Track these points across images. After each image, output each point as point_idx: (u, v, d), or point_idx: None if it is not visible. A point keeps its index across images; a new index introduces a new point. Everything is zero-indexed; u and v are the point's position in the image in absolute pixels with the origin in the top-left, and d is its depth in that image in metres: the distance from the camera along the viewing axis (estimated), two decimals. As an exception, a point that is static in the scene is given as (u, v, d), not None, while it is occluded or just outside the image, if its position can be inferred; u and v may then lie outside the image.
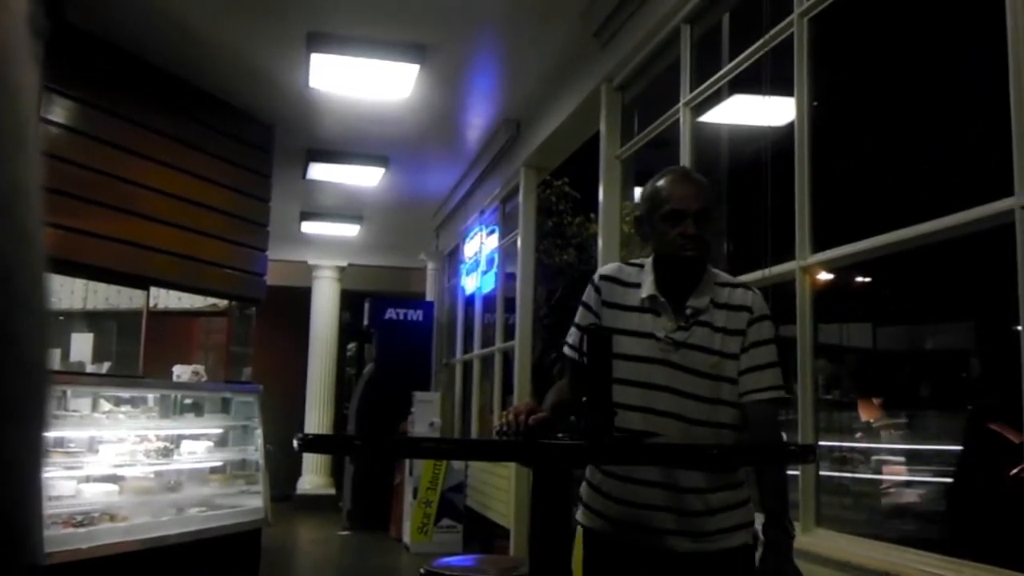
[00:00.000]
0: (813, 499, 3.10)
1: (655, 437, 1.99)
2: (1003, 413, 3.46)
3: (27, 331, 0.50)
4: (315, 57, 5.33)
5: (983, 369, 5.35)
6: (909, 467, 5.08)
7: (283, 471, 9.78)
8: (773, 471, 2.06)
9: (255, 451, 6.03)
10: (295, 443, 1.70)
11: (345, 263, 11.62)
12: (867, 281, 6.03)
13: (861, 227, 3.00)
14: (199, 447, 5.64)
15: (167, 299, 6.85)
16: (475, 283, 8.43)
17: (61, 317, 6.85)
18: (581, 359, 2.07)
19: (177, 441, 5.51)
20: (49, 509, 4.34)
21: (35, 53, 0.54)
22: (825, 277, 3.36)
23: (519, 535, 6.39)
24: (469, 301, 8.79)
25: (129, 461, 5.08)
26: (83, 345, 6.11)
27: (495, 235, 7.83)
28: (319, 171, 7.70)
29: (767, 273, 3.40)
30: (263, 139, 6.72)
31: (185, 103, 5.95)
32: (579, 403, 2.20)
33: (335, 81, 5.71)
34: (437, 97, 6.18)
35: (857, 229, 3.02)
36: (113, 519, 4.79)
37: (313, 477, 11.32)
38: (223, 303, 6.97)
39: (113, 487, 4.92)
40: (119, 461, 5.01)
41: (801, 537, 2.62)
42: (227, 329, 7.06)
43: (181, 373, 5.86)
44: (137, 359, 5.72)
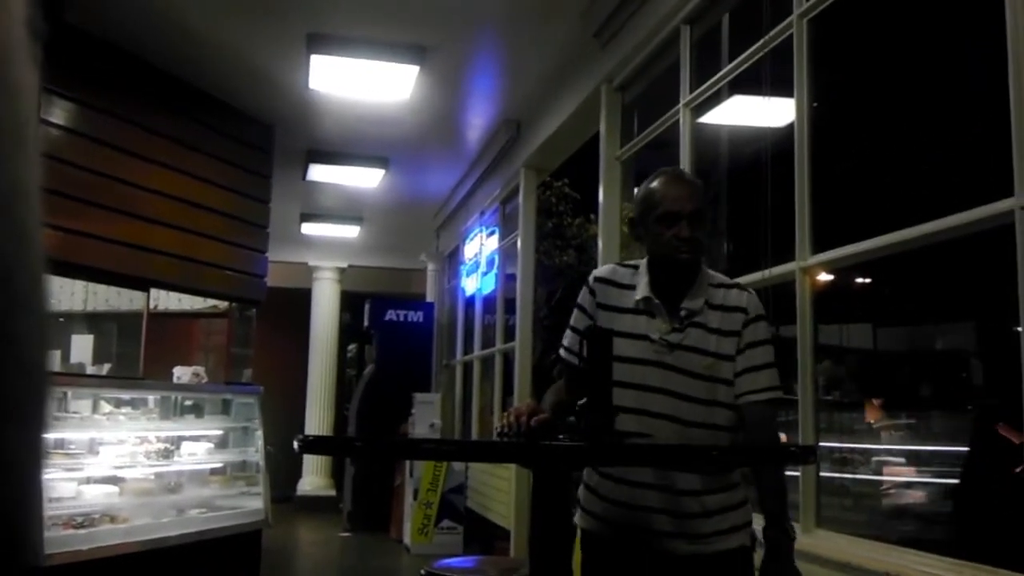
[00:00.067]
0: (814, 500, 3.10)
1: (645, 439, 1.99)
2: (1008, 414, 3.46)
3: (27, 331, 0.50)
4: (315, 58, 5.33)
5: (984, 370, 5.35)
6: (909, 467, 5.09)
7: (283, 472, 9.78)
8: (772, 472, 2.06)
9: (255, 452, 6.02)
10: (295, 444, 1.70)
11: (345, 264, 11.62)
12: (867, 282, 6.03)
13: (861, 228, 3.00)
14: (199, 448, 5.64)
15: (167, 301, 6.86)
16: (475, 284, 8.43)
17: (61, 319, 6.86)
18: (579, 362, 2.07)
19: (177, 442, 5.51)
20: (49, 510, 4.34)
21: (35, 54, 0.54)
22: (825, 278, 3.36)
23: (519, 536, 6.39)
24: (469, 302, 8.79)
25: (129, 462, 5.08)
26: (83, 347, 6.12)
27: (495, 236, 7.83)
28: (319, 172, 7.70)
29: (767, 274, 3.40)
30: (263, 140, 6.72)
31: (185, 104, 5.95)
32: (576, 405, 2.20)
33: (335, 82, 5.71)
34: (437, 98, 6.18)
35: (857, 230, 3.01)
36: (113, 520, 4.79)
37: (313, 478, 11.32)
38: (223, 304, 6.97)
39: (113, 488, 4.92)
40: (119, 463, 5.01)
41: (802, 538, 2.61)
42: (227, 330, 7.06)
43: (181, 375, 5.86)
44: (137, 361, 5.72)
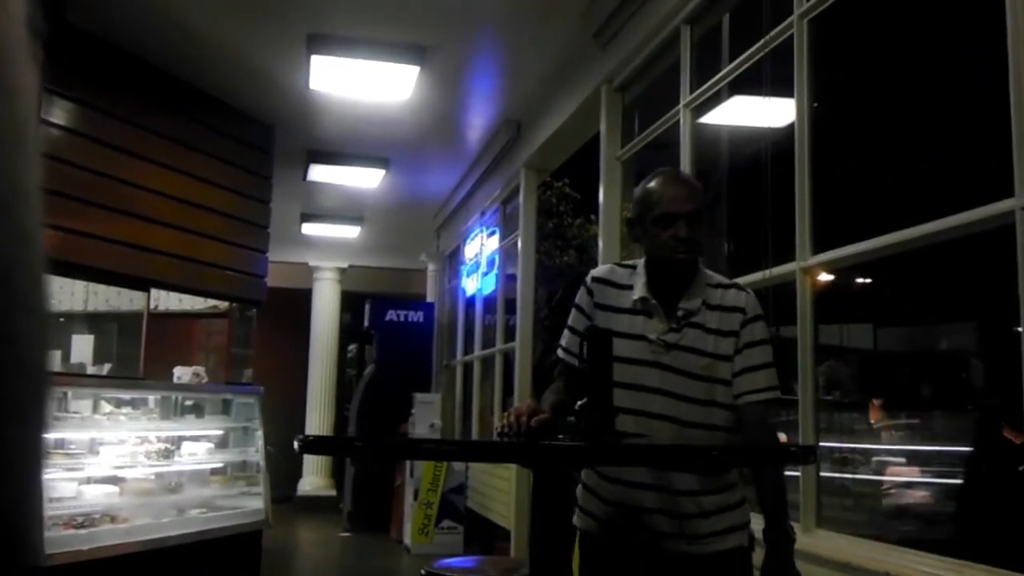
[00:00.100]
0: (814, 500, 3.10)
1: (642, 439, 1.98)
2: (1008, 415, 3.46)
3: (27, 331, 0.50)
4: (315, 58, 5.33)
5: (985, 370, 5.35)
6: (909, 467, 5.08)
7: (284, 472, 9.78)
8: (771, 473, 2.06)
9: (256, 452, 6.02)
10: (296, 444, 1.70)
11: (346, 264, 11.62)
12: (868, 282, 6.03)
13: (862, 228, 3.00)
14: (200, 448, 5.64)
15: (168, 301, 6.86)
16: (476, 284, 8.43)
17: (62, 319, 6.86)
18: (581, 363, 2.07)
19: (178, 442, 5.51)
20: (50, 510, 4.35)
21: (35, 54, 0.54)
22: (826, 278, 3.36)
23: (520, 536, 6.39)
24: (470, 302, 8.79)
25: (130, 462, 5.08)
26: (84, 347, 6.12)
27: (495, 236, 7.82)
28: (319, 172, 7.70)
29: (768, 274, 3.40)
30: (263, 140, 6.72)
31: (185, 104, 5.95)
32: (574, 405, 2.19)
33: (335, 82, 5.71)
34: (437, 98, 6.18)
35: (858, 230, 3.01)
36: (114, 520, 4.79)
37: (314, 478, 11.32)
38: (224, 305, 6.97)
39: (114, 488, 4.92)
40: (120, 462, 5.01)
41: (802, 538, 2.61)
42: (228, 331, 7.06)
43: (182, 375, 5.86)
44: (138, 361, 5.72)
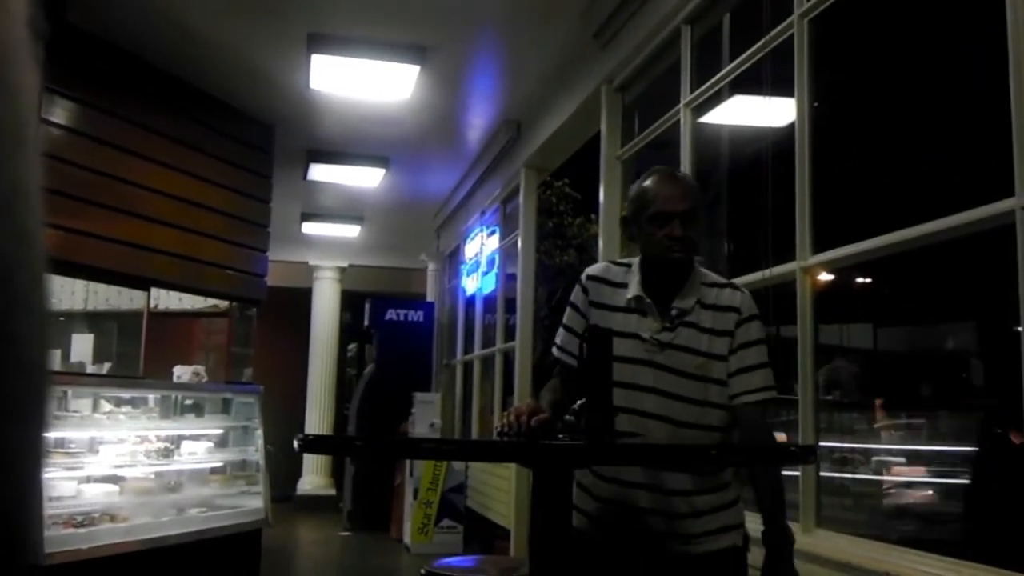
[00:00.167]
0: (814, 500, 3.10)
1: (636, 438, 1.98)
2: (1009, 415, 3.46)
3: (27, 331, 0.50)
4: (315, 58, 5.33)
5: (985, 370, 5.35)
6: (909, 467, 5.08)
7: (283, 472, 9.77)
8: (769, 473, 2.06)
9: (255, 452, 6.02)
10: (295, 444, 1.70)
11: (346, 264, 11.62)
12: (868, 282, 6.03)
13: (862, 228, 3.00)
14: (199, 448, 5.64)
15: (168, 300, 6.86)
16: (476, 284, 8.43)
17: (62, 318, 6.86)
18: (576, 361, 2.07)
19: (177, 442, 5.51)
20: (49, 509, 4.35)
21: (35, 54, 0.54)
22: (826, 278, 3.36)
23: (519, 536, 6.38)
24: (470, 302, 8.79)
25: (129, 462, 5.08)
26: (84, 346, 6.12)
27: (496, 236, 7.83)
28: (320, 172, 7.70)
29: (768, 274, 3.39)
30: (263, 140, 6.72)
31: (185, 104, 5.95)
32: (572, 404, 2.19)
33: (335, 82, 5.71)
34: (437, 98, 6.18)
35: (858, 230, 3.01)
36: (113, 519, 4.79)
37: (313, 478, 11.32)
38: (224, 304, 6.97)
39: (113, 487, 4.92)
40: (119, 462, 5.01)
41: (802, 538, 2.62)
42: (228, 330, 7.07)
43: (182, 374, 5.86)
44: (138, 360, 5.72)
